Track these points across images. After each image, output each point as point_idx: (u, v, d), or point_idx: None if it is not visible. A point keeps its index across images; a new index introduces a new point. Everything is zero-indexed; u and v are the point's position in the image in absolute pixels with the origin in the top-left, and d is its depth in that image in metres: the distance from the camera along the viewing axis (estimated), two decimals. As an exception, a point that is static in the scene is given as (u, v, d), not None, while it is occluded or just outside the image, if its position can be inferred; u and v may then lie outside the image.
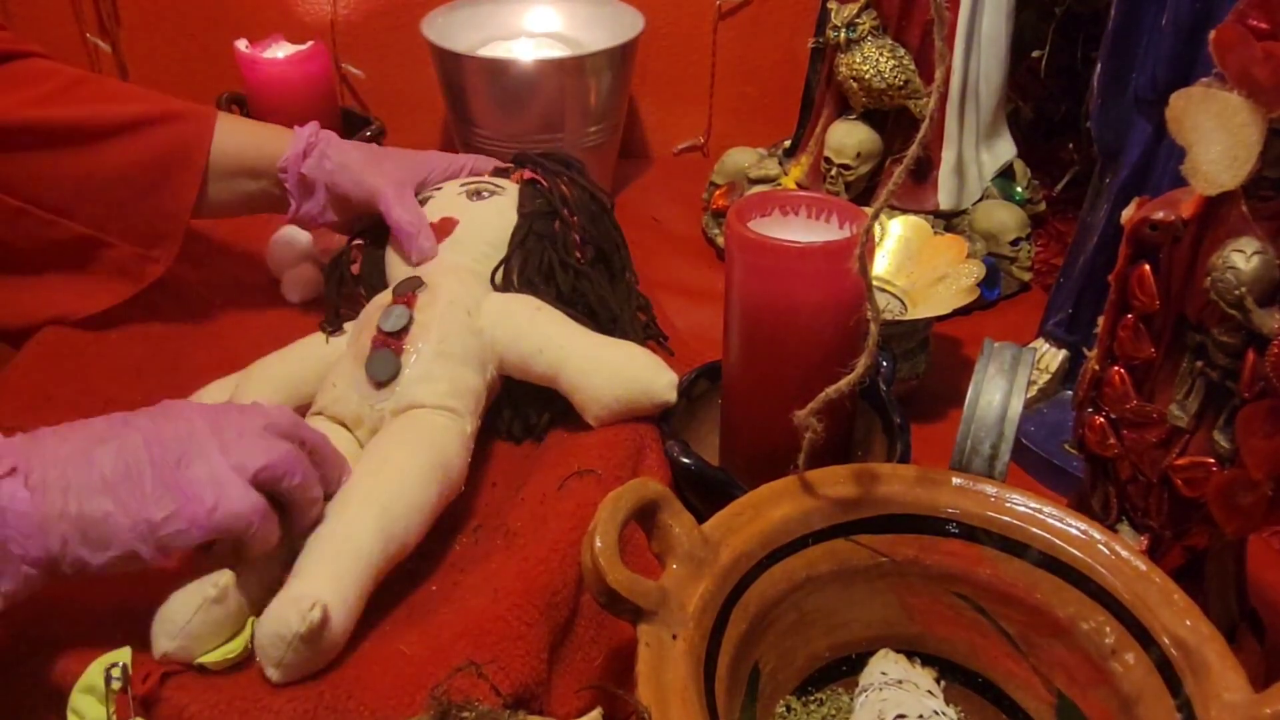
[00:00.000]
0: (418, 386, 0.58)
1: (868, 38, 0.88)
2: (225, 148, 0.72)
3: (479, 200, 0.69)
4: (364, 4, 1.14)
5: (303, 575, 0.48)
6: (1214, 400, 0.46)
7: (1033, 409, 0.75)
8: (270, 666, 0.46)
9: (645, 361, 0.61)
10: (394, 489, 0.52)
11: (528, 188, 0.71)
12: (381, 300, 0.64)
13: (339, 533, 0.50)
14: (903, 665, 0.51)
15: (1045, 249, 0.96)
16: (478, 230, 0.68)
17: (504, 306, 0.64)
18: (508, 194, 0.70)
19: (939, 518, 0.51)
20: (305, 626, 0.45)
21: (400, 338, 0.60)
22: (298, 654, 0.45)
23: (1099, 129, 0.71)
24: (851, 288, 0.55)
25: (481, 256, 0.67)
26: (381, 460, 0.54)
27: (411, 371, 0.58)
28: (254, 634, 0.47)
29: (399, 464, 0.53)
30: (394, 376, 0.58)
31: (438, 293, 0.62)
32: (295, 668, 0.46)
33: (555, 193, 0.70)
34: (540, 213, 0.69)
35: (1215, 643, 0.43)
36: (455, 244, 0.67)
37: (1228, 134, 0.40)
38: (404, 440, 0.55)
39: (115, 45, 1.16)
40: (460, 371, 0.60)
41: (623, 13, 1.04)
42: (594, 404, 0.60)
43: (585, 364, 0.61)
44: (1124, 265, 0.47)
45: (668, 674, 0.41)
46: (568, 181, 0.72)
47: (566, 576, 0.51)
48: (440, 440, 0.56)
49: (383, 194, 0.69)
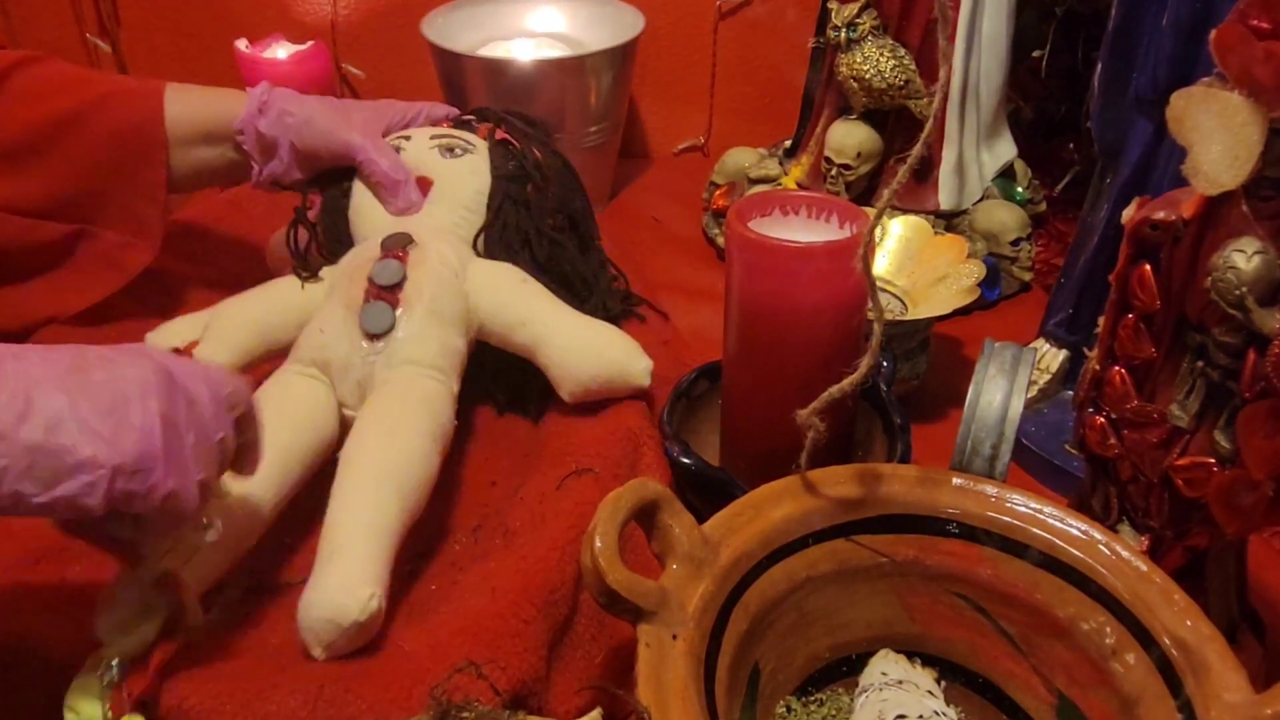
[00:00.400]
0: (411, 344, 0.59)
1: (868, 38, 0.88)
2: (177, 116, 0.71)
3: (452, 157, 0.69)
4: (364, 4, 1.14)
5: (343, 557, 0.49)
6: (1215, 400, 0.45)
7: (1033, 409, 0.74)
8: (317, 647, 0.48)
9: (624, 345, 0.63)
10: (404, 460, 0.54)
11: (499, 148, 0.71)
12: (368, 252, 0.64)
13: (367, 512, 0.51)
14: (903, 665, 0.51)
15: (1046, 249, 0.96)
16: (455, 193, 0.68)
17: (490, 274, 0.65)
18: (479, 151, 0.70)
19: (939, 518, 0.51)
20: (366, 616, 0.47)
21: (394, 292, 0.60)
22: (350, 639, 0.48)
23: (1100, 129, 0.71)
24: (852, 288, 0.55)
25: (460, 220, 0.68)
26: (388, 431, 0.55)
27: (405, 328, 0.60)
28: (302, 615, 0.48)
29: (406, 435, 0.55)
30: (389, 330, 0.59)
31: (427, 251, 0.63)
32: (342, 649, 0.48)
33: (529, 157, 0.71)
34: (513, 175, 0.69)
35: (1216, 643, 0.43)
36: (432, 204, 0.68)
37: (1228, 134, 0.40)
38: (405, 410, 0.57)
39: (115, 45, 1.17)
40: (448, 333, 0.61)
41: (623, 12, 1.04)
42: (570, 381, 0.62)
43: (567, 341, 0.62)
44: (1124, 265, 0.47)
45: (668, 674, 0.41)
46: (538, 145, 0.72)
47: (565, 575, 0.51)
48: (436, 407, 0.58)
49: (359, 146, 0.68)
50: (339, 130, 0.69)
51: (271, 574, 0.55)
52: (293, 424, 0.57)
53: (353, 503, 0.52)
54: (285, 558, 0.57)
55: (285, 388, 0.60)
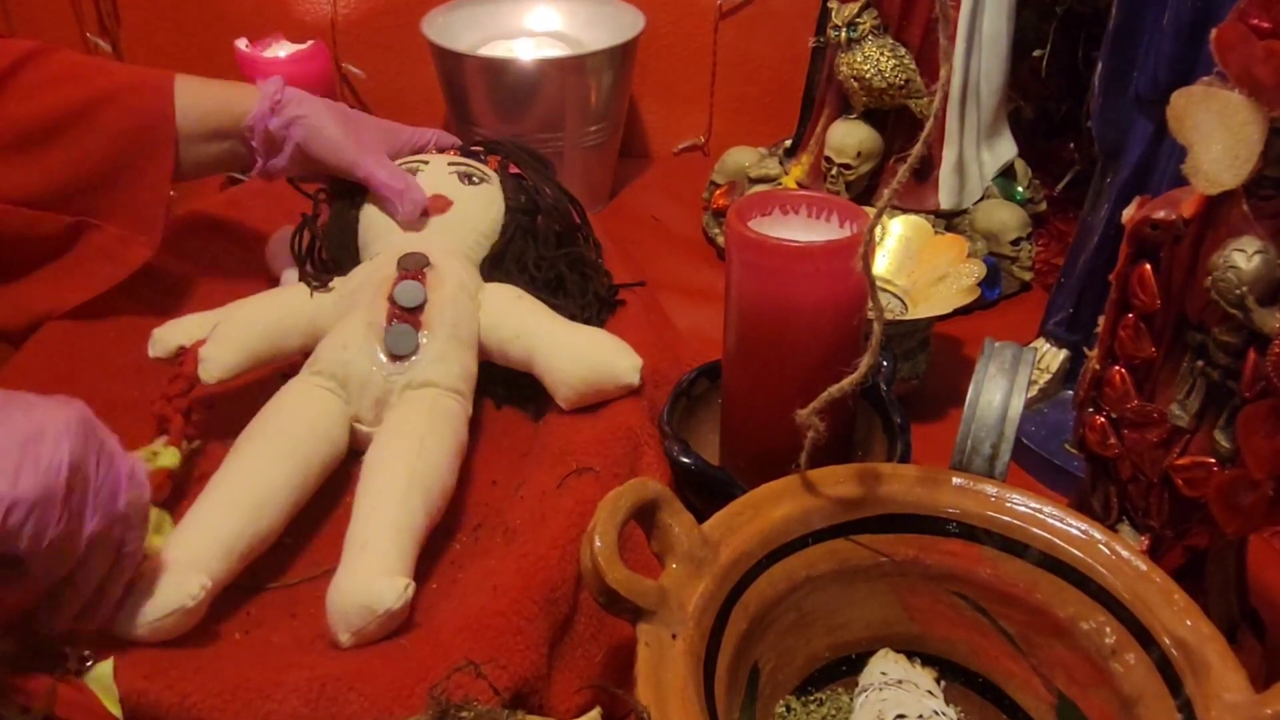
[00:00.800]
0: (434, 366, 0.61)
1: (868, 37, 0.88)
2: (187, 111, 0.70)
3: (470, 184, 0.72)
4: (364, 3, 1.14)
5: (376, 547, 0.51)
6: (1215, 400, 0.45)
7: (1033, 409, 0.74)
8: (346, 633, 0.49)
9: (611, 346, 0.64)
10: (431, 469, 0.56)
11: (512, 181, 0.73)
12: (385, 270, 0.65)
13: (397, 511, 0.53)
14: (903, 665, 0.51)
15: (1046, 248, 0.96)
16: (472, 220, 0.70)
17: (494, 296, 0.67)
18: (494, 182, 0.73)
19: (939, 517, 0.51)
20: (400, 604, 0.48)
21: (416, 314, 0.62)
22: (381, 626, 0.48)
23: (1100, 128, 0.71)
24: (852, 287, 0.55)
25: (474, 244, 0.70)
26: (418, 441, 0.57)
27: (428, 350, 0.61)
28: (334, 600, 0.49)
29: (433, 448, 0.57)
30: (413, 352, 0.61)
31: (445, 274, 0.65)
32: (370, 636, 0.49)
33: (541, 194, 0.73)
34: (525, 209, 0.72)
35: (1216, 643, 0.43)
36: (449, 227, 0.69)
37: (1229, 133, 0.40)
38: (433, 427, 0.58)
39: (115, 44, 1.17)
40: (466, 355, 0.63)
41: (623, 12, 1.04)
42: (562, 386, 0.63)
43: (555, 348, 0.63)
44: (1125, 265, 0.47)
45: (667, 674, 0.41)
46: (549, 183, 0.74)
47: (566, 573, 0.52)
48: (456, 425, 0.60)
49: (360, 164, 0.69)
50: (345, 147, 0.70)
51: (272, 575, 0.55)
52: (310, 433, 0.58)
53: (384, 502, 0.53)
54: (286, 559, 0.57)
55: (303, 397, 0.61)
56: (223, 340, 0.63)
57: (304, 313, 0.66)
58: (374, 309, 0.62)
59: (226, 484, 0.54)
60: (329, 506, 0.60)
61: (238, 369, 0.63)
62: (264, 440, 0.57)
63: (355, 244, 0.71)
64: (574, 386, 0.63)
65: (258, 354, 0.64)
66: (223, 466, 0.56)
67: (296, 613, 0.53)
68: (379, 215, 0.70)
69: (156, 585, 0.48)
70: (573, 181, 1.01)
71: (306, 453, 0.57)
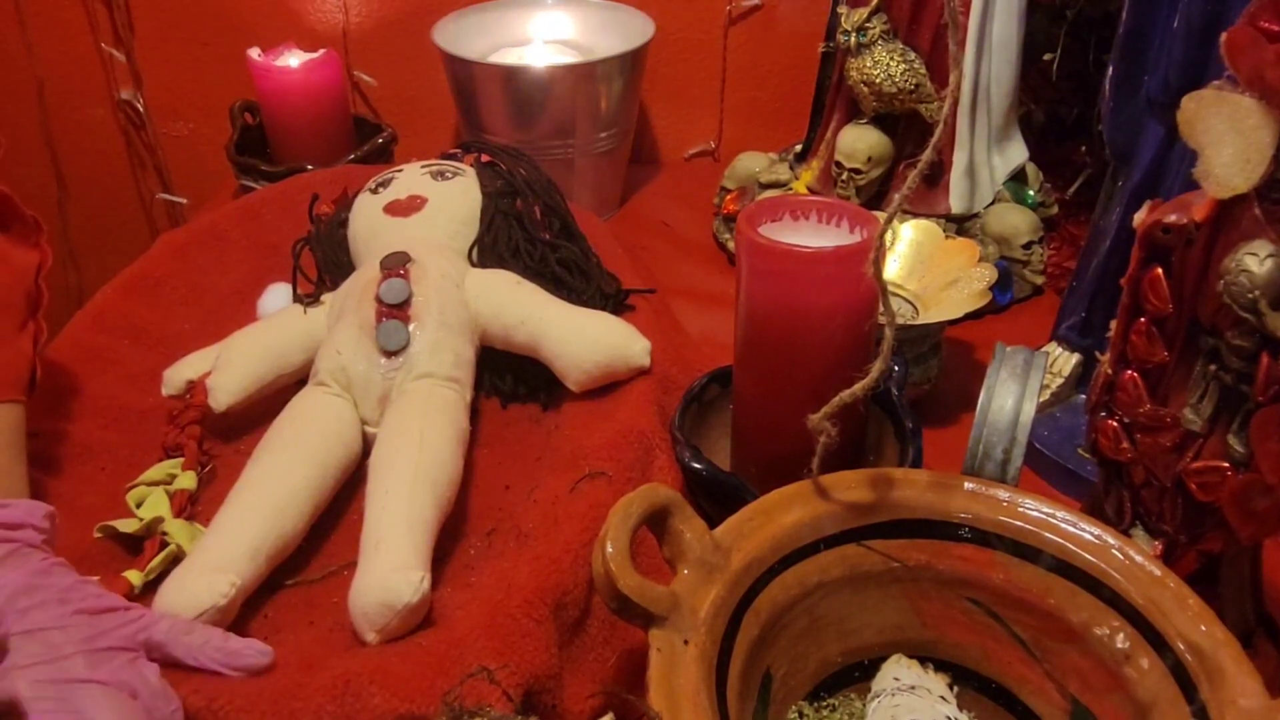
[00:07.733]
0: (427, 357, 0.62)
1: (878, 42, 0.88)
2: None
3: (443, 180, 0.73)
4: (376, 12, 1.14)
5: (389, 545, 0.51)
6: (1228, 404, 0.45)
7: (1046, 413, 0.74)
8: (371, 632, 0.49)
9: (621, 329, 0.65)
10: (434, 460, 0.57)
11: (486, 169, 0.74)
12: (369, 274, 0.66)
13: (405, 507, 0.53)
14: (915, 671, 0.51)
15: (1058, 252, 0.96)
16: (448, 209, 0.71)
17: (485, 281, 0.68)
18: (468, 175, 0.74)
19: (951, 522, 0.51)
20: (418, 597, 0.49)
21: (404, 309, 0.63)
22: (403, 620, 0.49)
23: (1111, 132, 0.71)
24: (863, 292, 0.55)
25: (454, 233, 0.71)
26: (417, 435, 0.58)
27: (420, 341, 0.63)
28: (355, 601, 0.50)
29: (432, 439, 0.58)
30: (405, 346, 0.62)
31: (427, 267, 0.66)
32: (394, 632, 0.49)
33: (516, 175, 0.74)
34: (502, 192, 0.73)
35: (1230, 648, 0.43)
36: (427, 220, 0.70)
37: (1240, 137, 0.40)
38: (429, 419, 0.59)
39: (129, 55, 1.17)
40: (459, 342, 0.64)
41: (633, 18, 1.04)
42: (575, 370, 0.64)
43: (564, 333, 0.64)
44: (1136, 269, 0.47)
45: (679, 679, 0.41)
46: (524, 165, 0.75)
47: (578, 577, 0.52)
48: (455, 414, 0.61)
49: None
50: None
51: (293, 574, 0.56)
52: (323, 437, 0.59)
53: (392, 500, 0.54)
54: (305, 559, 0.58)
55: (313, 404, 0.62)
56: (226, 368, 0.65)
57: (301, 330, 0.67)
58: (363, 311, 0.64)
59: (248, 490, 0.56)
60: (342, 509, 0.61)
61: (244, 394, 0.65)
62: (281, 447, 0.58)
63: (348, 257, 0.72)
64: (587, 370, 0.63)
65: (262, 377, 0.66)
66: (243, 475, 0.57)
67: (315, 619, 0.54)
68: (363, 228, 0.71)
69: (188, 588, 0.49)
70: (583, 188, 1.02)
71: (322, 456, 0.59)
